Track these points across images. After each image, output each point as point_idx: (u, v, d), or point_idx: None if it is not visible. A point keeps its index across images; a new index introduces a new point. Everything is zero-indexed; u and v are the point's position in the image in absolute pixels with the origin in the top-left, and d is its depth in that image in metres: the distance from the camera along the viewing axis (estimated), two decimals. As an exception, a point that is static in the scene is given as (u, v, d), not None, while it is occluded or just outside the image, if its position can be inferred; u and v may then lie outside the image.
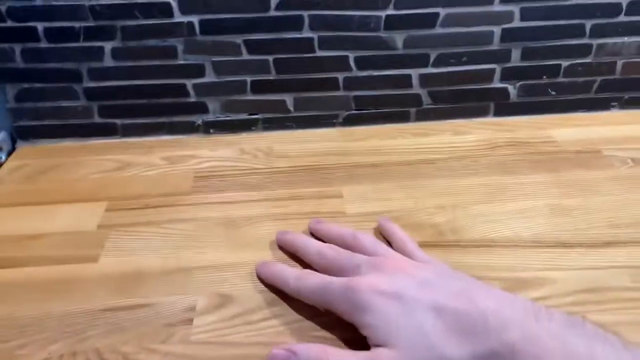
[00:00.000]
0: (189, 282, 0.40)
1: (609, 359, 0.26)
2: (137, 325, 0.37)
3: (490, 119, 0.64)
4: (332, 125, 0.63)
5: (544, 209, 0.47)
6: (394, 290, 0.31)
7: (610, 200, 0.48)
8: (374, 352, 0.30)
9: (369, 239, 0.40)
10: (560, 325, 0.28)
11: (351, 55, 0.58)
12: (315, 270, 0.38)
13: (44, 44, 0.56)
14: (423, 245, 0.41)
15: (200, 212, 0.48)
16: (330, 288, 0.34)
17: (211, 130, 0.62)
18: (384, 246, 0.39)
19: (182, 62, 0.58)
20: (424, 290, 0.31)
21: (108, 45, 0.56)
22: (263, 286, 0.40)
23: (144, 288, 0.40)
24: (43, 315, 0.38)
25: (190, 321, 0.37)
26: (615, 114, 0.64)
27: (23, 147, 0.61)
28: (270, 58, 0.58)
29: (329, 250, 0.39)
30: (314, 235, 0.44)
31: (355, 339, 0.34)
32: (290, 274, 0.38)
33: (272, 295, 0.39)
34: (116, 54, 0.57)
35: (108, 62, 0.57)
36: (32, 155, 0.59)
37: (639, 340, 0.27)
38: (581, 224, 0.45)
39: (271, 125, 0.62)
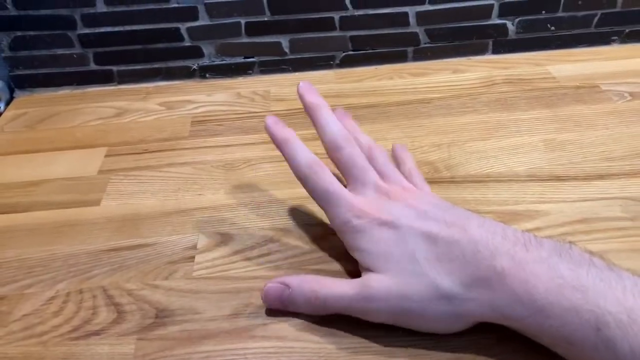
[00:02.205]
0: (189, 223, 0.41)
1: (593, 280, 0.27)
2: (140, 263, 0.38)
3: (489, 57, 0.63)
4: (329, 67, 0.62)
5: (539, 144, 0.47)
6: (391, 219, 0.32)
7: (605, 134, 0.48)
8: (365, 277, 0.32)
9: (382, 157, 0.38)
10: (548, 252, 0.29)
11: (346, -7, 0.58)
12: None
13: (34, -10, 0.55)
14: (418, 181, 0.41)
15: (198, 156, 0.49)
16: (334, 199, 0.33)
17: (207, 75, 0.62)
18: (394, 169, 0.38)
19: (174, 5, 0.57)
20: (420, 220, 0.32)
21: (99, -10, 0.56)
22: (261, 225, 0.41)
23: (146, 229, 0.41)
24: (49, 257, 0.39)
25: (191, 258, 0.38)
26: (615, 48, 0.63)
27: (21, 96, 0.61)
28: (264, -2, 0.57)
29: (347, 147, 0.35)
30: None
31: (351, 272, 0.36)
32: (303, 155, 0.35)
33: (270, 233, 0.40)
34: (108, -2, 0.56)
35: (101, 7, 0.56)
36: (31, 104, 0.59)
37: (628, 267, 0.28)
38: (575, 157, 0.45)
39: (267, 68, 0.62)
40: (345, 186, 0.35)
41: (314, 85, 0.37)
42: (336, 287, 0.32)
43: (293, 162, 0.35)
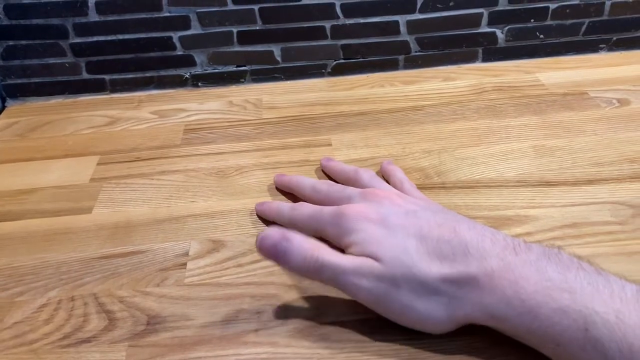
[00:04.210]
0: (181, 230, 0.41)
1: (581, 283, 0.27)
2: (132, 270, 0.38)
3: (478, 65, 0.64)
4: (321, 75, 0.63)
5: (529, 150, 0.48)
6: (380, 217, 0.32)
7: (594, 140, 0.48)
8: (364, 257, 0.31)
9: (367, 174, 0.42)
10: (536, 255, 0.29)
11: (337, 2, 0.58)
12: None
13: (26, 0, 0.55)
14: (409, 187, 0.42)
15: (190, 164, 0.49)
16: (321, 214, 0.35)
17: (199, 84, 0.62)
18: (381, 181, 0.41)
19: (167, 14, 0.57)
20: (409, 219, 0.32)
21: (92, -1, 0.56)
22: (253, 232, 0.41)
23: (138, 236, 0.41)
24: (41, 264, 0.39)
25: (183, 265, 0.38)
26: (603, 56, 0.64)
27: (13, 105, 0.61)
28: (256, 7, 0.57)
29: (323, 185, 0.41)
30: (323, 172, 0.46)
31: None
32: (286, 207, 0.39)
33: (263, 239, 0.40)
34: (100, 8, 0.56)
35: (93, 16, 0.57)
36: (23, 113, 0.59)
37: (617, 270, 0.28)
38: (565, 163, 0.46)
39: (259, 77, 0.62)
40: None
41: (306, 94, 0.38)
42: (334, 255, 0.32)
43: (280, 217, 0.40)
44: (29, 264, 0.39)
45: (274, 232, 0.32)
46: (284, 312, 0.34)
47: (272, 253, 0.31)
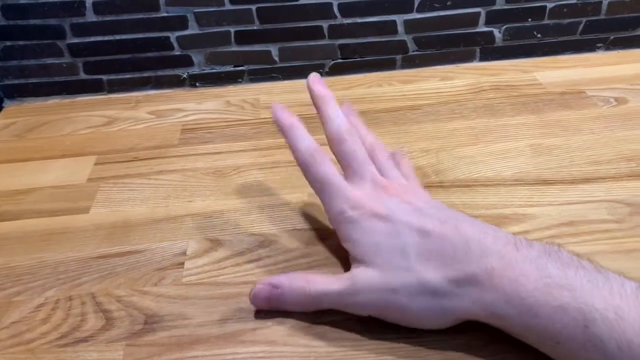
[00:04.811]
0: (179, 229, 0.41)
1: (581, 280, 0.27)
2: (130, 270, 0.38)
3: (476, 64, 0.64)
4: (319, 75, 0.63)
5: (526, 149, 0.48)
6: (387, 212, 0.32)
7: (591, 139, 0.48)
8: (353, 271, 0.32)
9: (383, 154, 0.38)
10: (537, 252, 0.29)
11: (335, 1, 0.58)
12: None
13: (24, 0, 0.55)
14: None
15: (188, 163, 0.49)
16: (332, 189, 0.34)
17: (197, 84, 0.62)
18: (393, 167, 0.38)
19: (164, 14, 0.57)
20: (415, 216, 0.32)
21: (89, -1, 0.56)
22: (251, 231, 0.41)
23: (135, 236, 0.41)
24: (38, 264, 0.39)
25: (181, 265, 0.38)
26: (600, 55, 0.64)
27: (10, 106, 0.61)
28: (253, 7, 0.57)
29: (350, 140, 0.35)
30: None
31: (340, 275, 0.36)
32: (304, 142, 0.35)
33: (260, 239, 0.40)
34: (98, 8, 0.56)
35: (90, 16, 0.57)
36: (20, 113, 0.59)
37: (614, 268, 0.28)
38: (562, 162, 0.46)
39: (257, 76, 0.62)
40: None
41: (303, 93, 0.37)
42: (325, 283, 0.32)
43: (295, 148, 0.35)
44: (26, 264, 0.39)
45: (261, 286, 0.33)
46: (281, 311, 0.34)
47: (268, 305, 0.33)
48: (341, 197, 0.34)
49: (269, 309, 0.34)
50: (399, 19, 0.60)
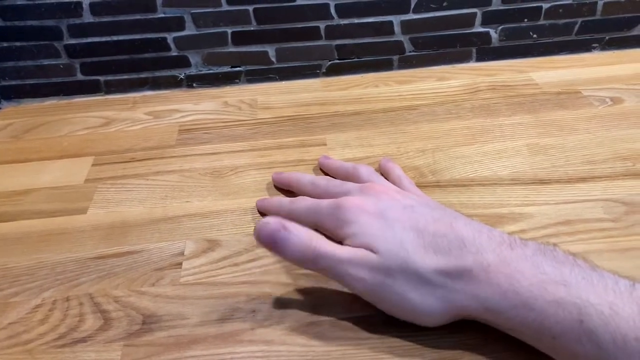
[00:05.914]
0: (177, 230, 0.41)
1: (576, 277, 0.27)
2: (128, 270, 0.38)
3: (472, 64, 0.64)
4: (316, 75, 0.63)
5: (523, 149, 0.48)
6: (378, 210, 0.33)
7: (587, 138, 0.49)
8: (360, 248, 0.32)
9: (366, 170, 0.42)
10: (532, 251, 0.29)
11: (332, 2, 0.58)
12: None
13: (21, 1, 0.55)
14: (403, 186, 0.42)
15: (185, 164, 0.49)
16: (320, 207, 0.35)
17: (194, 84, 0.62)
18: (379, 177, 0.41)
19: (161, 15, 0.57)
20: (406, 213, 0.33)
21: (86, 0, 0.56)
22: (248, 231, 0.41)
23: (133, 236, 0.41)
24: (36, 265, 0.39)
25: (179, 265, 0.38)
26: (596, 55, 0.64)
27: (8, 107, 0.61)
28: (250, 8, 0.58)
29: (322, 180, 0.41)
30: (321, 169, 0.46)
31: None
32: (285, 200, 0.40)
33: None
34: (95, 9, 0.56)
35: (87, 17, 0.57)
36: (17, 114, 0.59)
37: (610, 267, 0.28)
38: (558, 161, 0.46)
39: (254, 77, 0.62)
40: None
41: (300, 94, 0.38)
42: (332, 247, 0.32)
43: (280, 210, 0.39)
44: (24, 265, 0.39)
45: (272, 220, 0.32)
46: (279, 310, 0.34)
47: (270, 241, 0.32)
48: (332, 207, 0.35)
49: (267, 248, 0.32)
50: (395, 19, 0.60)
